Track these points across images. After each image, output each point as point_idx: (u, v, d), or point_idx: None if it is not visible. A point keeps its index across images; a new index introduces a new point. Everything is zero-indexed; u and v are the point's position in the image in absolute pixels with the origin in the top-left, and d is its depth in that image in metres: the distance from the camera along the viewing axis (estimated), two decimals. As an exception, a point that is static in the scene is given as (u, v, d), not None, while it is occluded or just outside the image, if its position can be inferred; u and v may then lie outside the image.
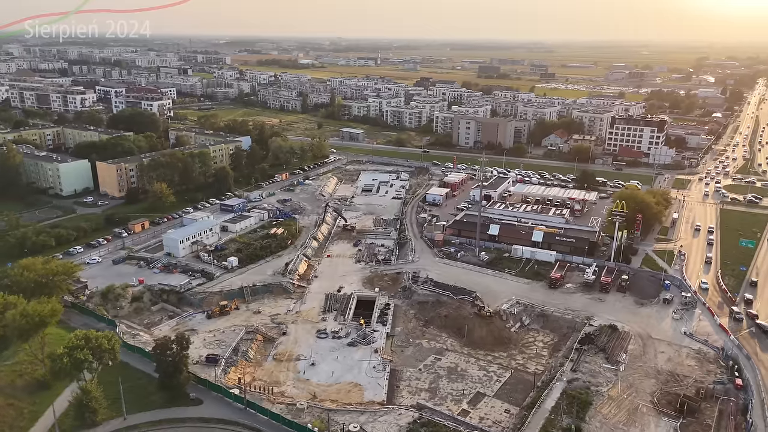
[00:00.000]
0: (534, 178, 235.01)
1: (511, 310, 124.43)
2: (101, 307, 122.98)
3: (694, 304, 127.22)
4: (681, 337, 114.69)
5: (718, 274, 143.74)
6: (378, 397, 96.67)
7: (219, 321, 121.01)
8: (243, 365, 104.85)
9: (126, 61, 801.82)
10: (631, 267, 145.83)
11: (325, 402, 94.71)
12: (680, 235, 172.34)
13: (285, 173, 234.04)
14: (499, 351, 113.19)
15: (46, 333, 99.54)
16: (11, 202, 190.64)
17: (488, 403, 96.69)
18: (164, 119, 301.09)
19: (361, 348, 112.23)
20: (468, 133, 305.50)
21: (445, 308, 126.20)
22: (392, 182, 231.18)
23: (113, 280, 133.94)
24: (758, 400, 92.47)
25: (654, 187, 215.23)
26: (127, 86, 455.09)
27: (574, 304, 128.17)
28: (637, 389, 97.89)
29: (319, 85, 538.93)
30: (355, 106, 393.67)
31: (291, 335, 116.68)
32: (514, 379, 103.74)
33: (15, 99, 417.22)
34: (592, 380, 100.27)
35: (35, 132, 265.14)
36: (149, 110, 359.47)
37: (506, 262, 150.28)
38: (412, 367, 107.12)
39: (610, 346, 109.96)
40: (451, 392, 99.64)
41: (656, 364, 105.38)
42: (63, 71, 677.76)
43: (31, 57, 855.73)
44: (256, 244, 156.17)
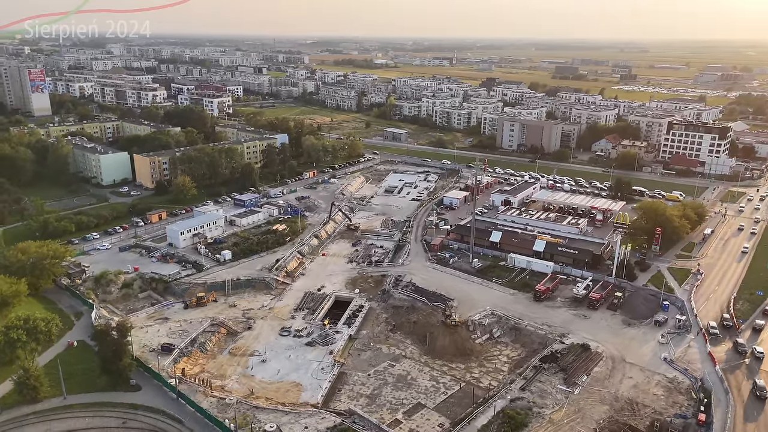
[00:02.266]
0: (566, 184, 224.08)
1: (482, 321, 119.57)
2: (91, 291, 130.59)
3: (688, 329, 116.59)
4: (658, 363, 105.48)
5: (733, 297, 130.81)
6: (313, 399, 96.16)
7: (194, 312, 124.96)
8: (196, 356, 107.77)
9: (210, 60, 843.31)
10: (634, 284, 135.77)
11: (260, 399, 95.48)
12: (707, 253, 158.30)
13: (313, 171, 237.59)
14: (458, 362, 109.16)
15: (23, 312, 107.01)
16: (57, 189, 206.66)
17: (425, 415, 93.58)
18: (212, 116, 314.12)
19: (318, 348, 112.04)
20: (512, 136, 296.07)
21: (417, 314, 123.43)
22: (418, 183, 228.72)
23: (115, 266, 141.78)
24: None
25: (697, 199, 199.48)
26: (197, 84, 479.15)
27: (555, 319, 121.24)
28: (584, 415, 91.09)
29: (382, 84, 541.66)
30: (406, 106, 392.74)
31: (255, 331, 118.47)
32: (462, 393, 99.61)
33: (98, 94, 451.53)
34: (539, 401, 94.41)
35: (97, 125, 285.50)
36: (207, 107, 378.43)
37: (498, 271, 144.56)
38: (362, 372, 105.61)
39: (573, 367, 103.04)
40: (392, 400, 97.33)
41: (618, 389, 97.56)
42: (151, 69, 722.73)
43: (128, 56, 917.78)
44: (254, 239, 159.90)
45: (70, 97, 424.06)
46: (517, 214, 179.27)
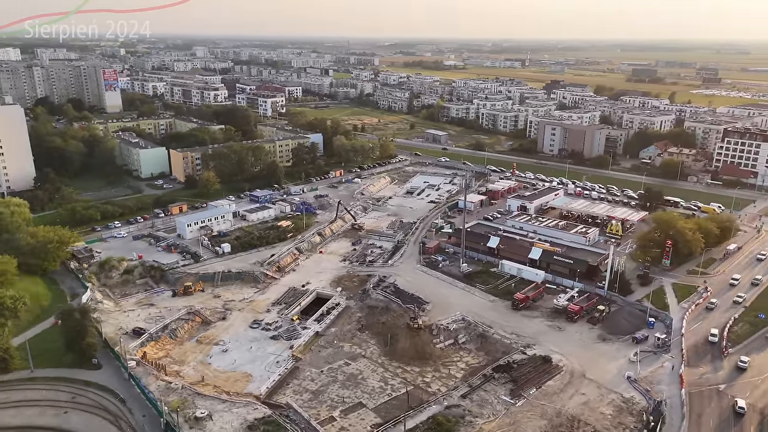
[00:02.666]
0: (594, 192, 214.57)
1: (449, 326, 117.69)
2: (93, 275, 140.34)
3: (667, 348, 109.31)
4: (620, 381, 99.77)
5: (733, 318, 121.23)
6: (257, 391, 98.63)
7: (179, 300, 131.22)
8: (164, 342, 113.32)
9: (283, 62, 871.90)
10: (626, 298, 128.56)
11: (207, 387, 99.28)
12: (726, 270, 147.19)
13: (340, 170, 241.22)
14: (414, 365, 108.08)
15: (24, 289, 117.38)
16: (100, 179, 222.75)
17: (361, 415, 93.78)
18: (257, 115, 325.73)
19: (281, 342, 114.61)
20: (553, 140, 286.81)
21: (388, 316, 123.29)
22: (441, 186, 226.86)
23: (125, 253, 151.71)
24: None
25: (734, 213, 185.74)
26: (259, 84, 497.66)
27: (527, 329, 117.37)
28: (517, 428, 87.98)
29: (439, 86, 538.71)
30: (453, 108, 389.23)
31: (228, 321, 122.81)
32: (407, 396, 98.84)
33: (168, 93, 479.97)
34: (476, 410, 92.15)
35: (152, 122, 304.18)
36: (261, 106, 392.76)
37: (486, 277, 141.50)
38: (316, 368, 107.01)
39: (524, 378, 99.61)
40: (334, 398, 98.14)
41: (564, 405, 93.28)
42: (226, 70, 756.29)
43: (210, 58, 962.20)
44: (255, 233, 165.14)
45: (141, 95, 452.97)
46: (526, 220, 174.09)
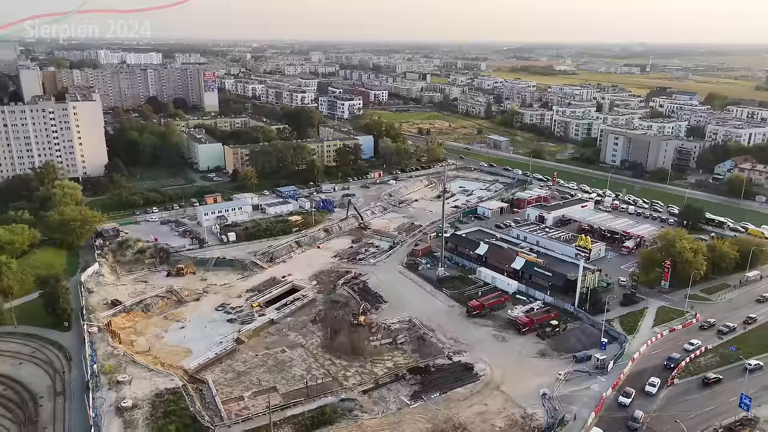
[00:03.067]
0: (632, 206, 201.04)
1: (392, 326, 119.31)
2: (111, 252, 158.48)
3: (604, 371, 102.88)
4: (532, 397, 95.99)
5: (704, 348, 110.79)
6: (188, 365, 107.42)
7: (170, 280, 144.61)
8: (134, 315, 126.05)
9: (387, 66, 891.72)
10: (595, 317, 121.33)
11: (148, 357, 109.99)
12: (732, 299, 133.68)
13: (379, 172, 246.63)
14: (345, 360, 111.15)
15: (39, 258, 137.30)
16: (162, 169, 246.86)
17: (268, 398, 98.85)
18: (321, 116, 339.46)
19: (234, 326, 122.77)
20: (615, 150, 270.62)
21: (344, 310, 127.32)
22: (475, 191, 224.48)
23: (148, 235, 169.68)
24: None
25: None
26: (346, 88, 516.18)
27: (468, 337, 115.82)
28: (398, 428, 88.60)
29: (533, 91, 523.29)
30: (527, 114, 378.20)
31: (201, 302, 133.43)
32: (321, 387, 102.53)
33: (263, 95, 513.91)
34: (368, 406, 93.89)
35: (228, 120, 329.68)
36: (339, 109, 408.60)
37: (459, 283, 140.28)
38: (253, 352, 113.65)
39: (434, 383, 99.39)
40: (254, 380, 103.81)
41: (458, 413, 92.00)
42: (330, 74, 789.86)
43: (323, 62, 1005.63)
44: (263, 225, 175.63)
45: (237, 96, 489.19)
46: (532, 230, 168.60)
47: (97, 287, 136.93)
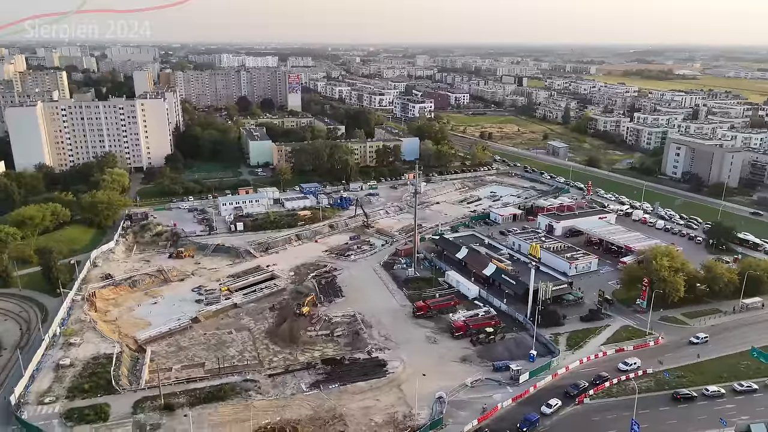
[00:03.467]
0: (662, 221, 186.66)
1: (332, 319, 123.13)
2: (134, 233, 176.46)
3: (516, 382, 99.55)
4: (427, 399, 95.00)
5: (641, 371, 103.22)
6: (139, 336, 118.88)
7: (170, 261, 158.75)
8: (120, 288, 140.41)
9: (487, 70, 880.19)
10: (542, 330, 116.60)
11: (111, 326, 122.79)
12: (711, 324, 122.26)
13: (412, 173, 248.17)
14: (280, 346, 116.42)
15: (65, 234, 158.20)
16: (219, 163, 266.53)
17: (193, 373, 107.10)
18: (379, 117, 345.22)
19: (199, 306, 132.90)
20: (677, 161, 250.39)
21: (297, 299, 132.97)
22: (504, 197, 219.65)
23: (175, 219, 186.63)
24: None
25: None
26: (427, 91, 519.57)
27: (401, 336, 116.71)
28: (283, 411, 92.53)
29: (627, 97, 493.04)
30: (601, 120, 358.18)
31: (184, 283, 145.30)
32: (242, 366, 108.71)
33: (347, 97, 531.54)
34: (267, 389, 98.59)
35: (294, 120, 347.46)
36: (411, 111, 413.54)
37: (424, 284, 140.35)
38: (204, 331, 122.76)
39: (341, 375, 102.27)
40: (190, 355, 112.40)
41: (346, 405, 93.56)
42: (426, 78, 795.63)
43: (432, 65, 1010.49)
44: (272, 217, 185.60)
45: (323, 97, 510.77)
46: (527, 238, 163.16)
47: (103, 262, 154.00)
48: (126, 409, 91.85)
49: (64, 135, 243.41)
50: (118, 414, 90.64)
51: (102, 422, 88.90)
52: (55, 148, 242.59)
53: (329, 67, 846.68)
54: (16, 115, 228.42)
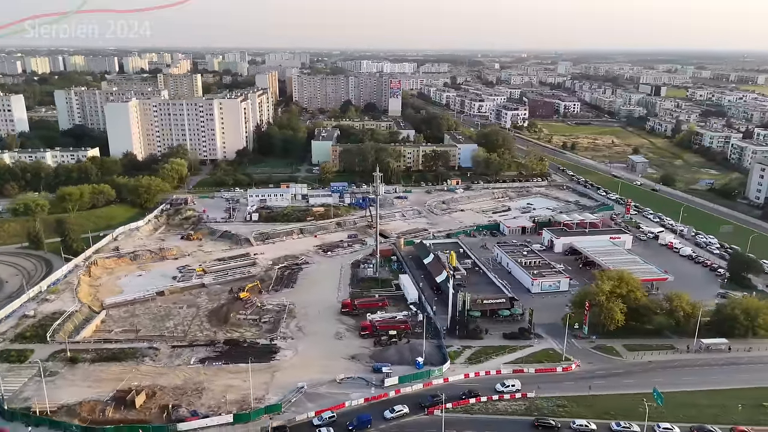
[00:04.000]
0: (688, 248, 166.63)
1: (262, 305, 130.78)
2: (168, 215, 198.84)
3: (381, 385, 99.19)
4: (289, 387, 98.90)
5: (519, 393, 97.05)
6: (107, 301, 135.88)
7: (180, 242, 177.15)
8: (122, 260, 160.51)
9: (627, 78, 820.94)
10: (453, 340, 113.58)
11: (89, 289, 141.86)
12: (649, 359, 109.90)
13: (457, 179, 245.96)
14: (211, 323, 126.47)
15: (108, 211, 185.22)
16: (286, 159, 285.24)
17: (130, 336, 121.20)
18: (454, 122, 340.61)
19: (173, 282, 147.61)
20: (761, 184, 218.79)
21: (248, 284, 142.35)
22: (536, 209, 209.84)
23: (212, 207, 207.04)
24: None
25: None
26: (535, 98, 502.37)
27: (313, 329, 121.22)
28: (158, 377, 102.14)
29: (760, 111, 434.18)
30: (707, 135, 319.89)
31: (177, 262, 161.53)
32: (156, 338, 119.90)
33: (453, 103, 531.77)
34: (160, 357, 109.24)
35: (376, 123, 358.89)
36: (503, 118, 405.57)
37: (375, 284, 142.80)
38: (162, 304, 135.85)
39: (231, 355, 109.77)
40: (135, 322, 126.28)
41: (213, 381, 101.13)
42: (557, 85, 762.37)
43: (577, 72, 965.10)
44: (286, 211, 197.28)
45: (430, 103, 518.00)
46: (510, 251, 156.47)
47: (124, 237, 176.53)
48: (43, 356, 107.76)
49: (153, 128, 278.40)
50: (34, 359, 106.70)
51: (18, 363, 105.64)
52: (146, 139, 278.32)
53: (464, 73, 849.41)
54: (113, 110, 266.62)
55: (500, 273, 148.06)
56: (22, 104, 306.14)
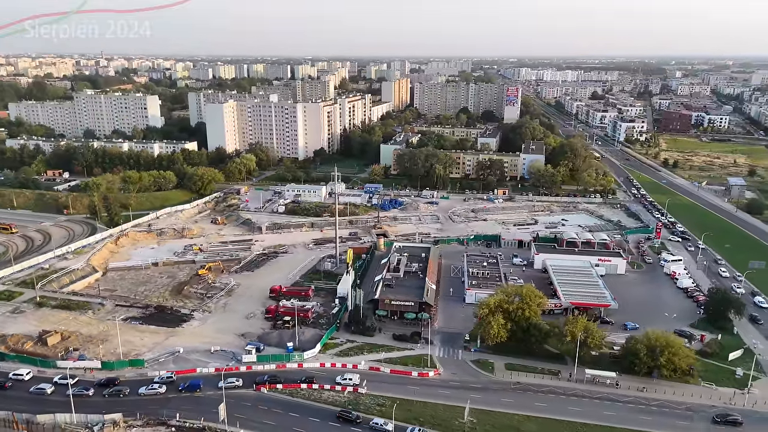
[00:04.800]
0: (687, 280, 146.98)
1: (218, 284, 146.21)
2: (216, 202, 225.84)
3: (240, 360, 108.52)
4: (160, 353, 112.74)
5: (356, 387, 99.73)
6: (111, 266, 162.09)
7: (209, 224, 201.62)
8: (149, 234, 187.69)
9: None
10: (342, 333, 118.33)
11: (110, 254, 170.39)
12: (517, 381, 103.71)
13: (503, 189, 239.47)
14: (170, 294, 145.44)
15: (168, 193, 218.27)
16: (361, 160, 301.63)
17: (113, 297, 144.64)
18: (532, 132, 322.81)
19: (171, 256, 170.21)
20: None
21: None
22: (570, 225, 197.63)
23: (254, 198, 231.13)
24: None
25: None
26: (677, 109, 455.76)
27: (234, 308, 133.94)
28: (84, 324, 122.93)
29: None
30: None
31: (192, 240, 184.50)
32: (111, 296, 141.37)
33: (580, 113, 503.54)
34: (102, 312, 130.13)
35: (466, 131, 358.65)
36: (618, 129, 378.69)
37: (328, 278, 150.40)
38: (151, 273, 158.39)
39: (152, 317, 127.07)
40: (123, 285, 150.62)
41: (123, 336, 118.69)
42: (734, 97, 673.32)
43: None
44: (308, 206, 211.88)
45: (553, 110, 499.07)
46: (473, 260, 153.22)
47: (166, 217, 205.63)
48: (25, 299, 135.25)
49: (247, 126, 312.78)
50: (18, 300, 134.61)
51: (6, 301, 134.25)
52: (241, 136, 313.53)
53: (628, 81, 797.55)
54: (210, 110, 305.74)
55: (453, 281, 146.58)
56: (156, 103, 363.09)
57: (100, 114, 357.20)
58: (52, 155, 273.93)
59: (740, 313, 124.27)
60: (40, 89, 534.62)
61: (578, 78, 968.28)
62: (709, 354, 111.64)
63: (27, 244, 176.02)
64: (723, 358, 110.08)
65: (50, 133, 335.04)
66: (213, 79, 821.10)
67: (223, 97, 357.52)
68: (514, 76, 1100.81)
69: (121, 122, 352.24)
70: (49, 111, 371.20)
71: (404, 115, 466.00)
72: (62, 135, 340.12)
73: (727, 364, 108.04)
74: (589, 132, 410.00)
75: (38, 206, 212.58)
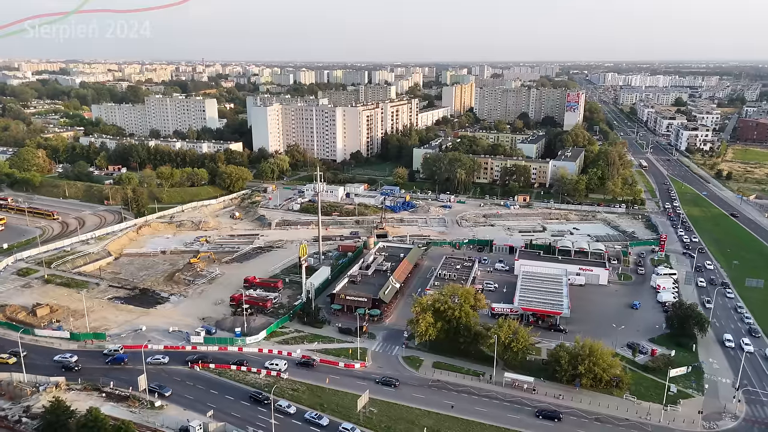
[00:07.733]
0: (668, 294, 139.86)
1: (204, 273, 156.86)
2: (242, 198, 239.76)
3: (189, 342, 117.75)
4: (126, 329, 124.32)
5: (279, 372, 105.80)
6: (125, 251, 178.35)
7: (226, 218, 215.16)
8: (169, 225, 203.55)
9: None
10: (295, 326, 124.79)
11: (129, 241, 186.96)
12: (437, 378, 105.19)
13: (525, 196, 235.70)
14: (166, 278, 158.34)
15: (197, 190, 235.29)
16: (396, 163, 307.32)
17: (117, 279, 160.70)
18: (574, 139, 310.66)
19: (179, 246, 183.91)
20: None
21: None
22: (580, 234, 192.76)
23: (283, 196, 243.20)
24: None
25: None
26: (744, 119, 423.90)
27: (209, 295, 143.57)
28: (78, 300, 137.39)
29: None
30: None
31: (205, 233, 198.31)
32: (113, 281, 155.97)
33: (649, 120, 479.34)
34: (100, 289, 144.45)
35: (512, 136, 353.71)
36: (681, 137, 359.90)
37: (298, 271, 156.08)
38: (157, 260, 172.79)
39: (138, 299, 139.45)
40: (130, 268, 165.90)
41: (110, 310, 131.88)
42: None
43: None
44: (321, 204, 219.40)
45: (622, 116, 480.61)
46: (448, 263, 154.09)
47: (191, 209, 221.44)
48: (37, 276, 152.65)
49: (290, 128, 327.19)
50: (31, 276, 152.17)
51: (22, 276, 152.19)
52: (285, 138, 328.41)
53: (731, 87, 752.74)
54: (255, 112, 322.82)
55: (426, 282, 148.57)
56: (214, 106, 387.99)
57: (166, 116, 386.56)
58: (113, 152, 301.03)
59: (703, 330, 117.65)
60: (134, 93, 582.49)
61: (670, 83, 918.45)
62: (653, 369, 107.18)
63: (62, 229, 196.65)
64: (665, 374, 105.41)
65: (120, 132, 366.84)
66: (293, 84, 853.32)
67: (269, 100, 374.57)
68: (600, 81, 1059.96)
69: (183, 123, 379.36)
70: (124, 112, 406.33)
71: (459, 120, 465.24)
72: (132, 134, 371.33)
73: (665, 380, 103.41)
74: (651, 140, 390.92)
75: (85, 197, 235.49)
